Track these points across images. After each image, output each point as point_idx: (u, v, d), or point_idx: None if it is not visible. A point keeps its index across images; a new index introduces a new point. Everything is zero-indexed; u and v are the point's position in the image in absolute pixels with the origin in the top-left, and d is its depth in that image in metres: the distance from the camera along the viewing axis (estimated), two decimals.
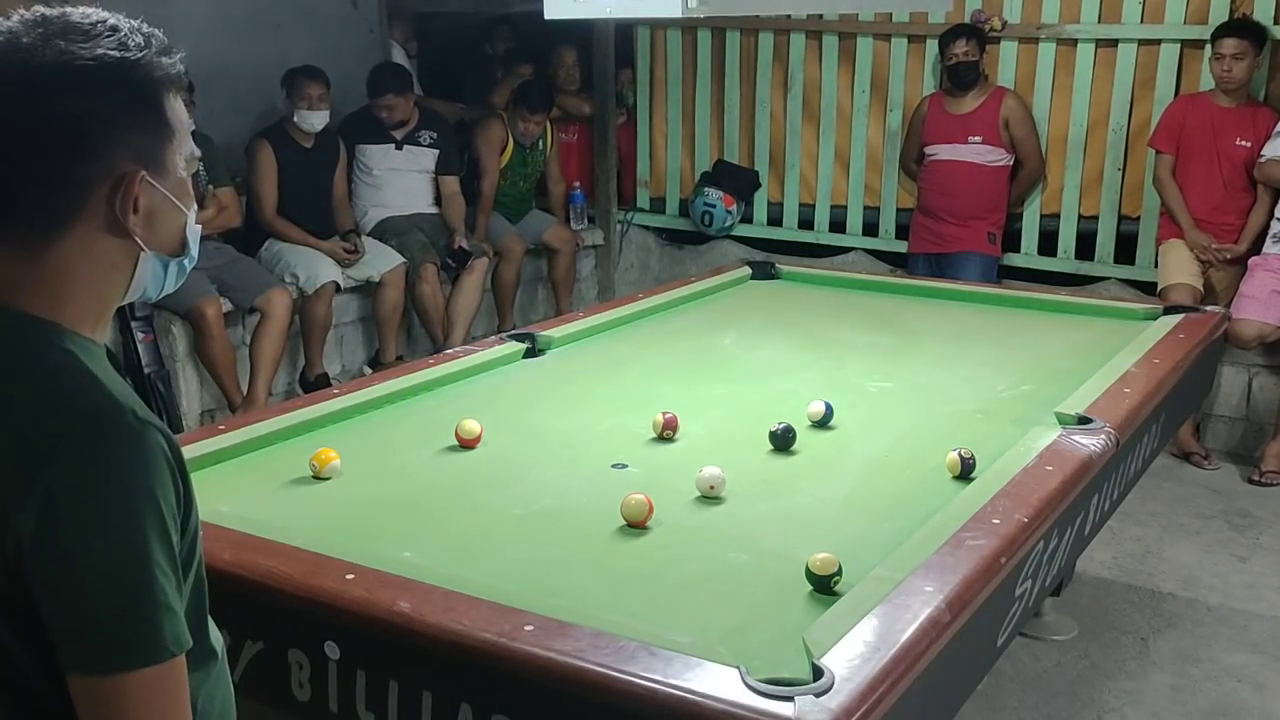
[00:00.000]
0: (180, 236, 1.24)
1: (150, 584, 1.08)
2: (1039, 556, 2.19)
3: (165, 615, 1.09)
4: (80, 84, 1.12)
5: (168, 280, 1.25)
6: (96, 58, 1.13)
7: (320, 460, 2.37)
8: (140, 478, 1.08)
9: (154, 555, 1.08)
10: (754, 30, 6.12)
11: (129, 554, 1.07)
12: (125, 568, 1.07)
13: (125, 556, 1.07)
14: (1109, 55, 5.32)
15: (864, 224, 6.04)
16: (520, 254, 5.90)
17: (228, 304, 4.82)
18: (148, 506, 1.08)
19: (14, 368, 1.13)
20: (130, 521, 1.07)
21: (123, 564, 1.07)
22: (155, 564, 1.08)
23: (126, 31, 1.17)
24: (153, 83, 1.17)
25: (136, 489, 1.08)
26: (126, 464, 1.08)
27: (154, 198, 1.18)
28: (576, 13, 2.88)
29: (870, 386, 3.06)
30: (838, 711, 1.49)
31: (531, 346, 3.26)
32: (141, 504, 1.08)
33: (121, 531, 1.07)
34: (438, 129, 5.67)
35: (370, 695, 1.76)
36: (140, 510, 1.08)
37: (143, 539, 1.08)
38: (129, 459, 1.09)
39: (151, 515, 1.08)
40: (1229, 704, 3.21)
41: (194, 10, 5.25)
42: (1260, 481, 4.71)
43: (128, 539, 1.07)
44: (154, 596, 1.08)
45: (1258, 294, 4.69)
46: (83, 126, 1.13)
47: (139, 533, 1.08)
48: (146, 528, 1.08)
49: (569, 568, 2.03)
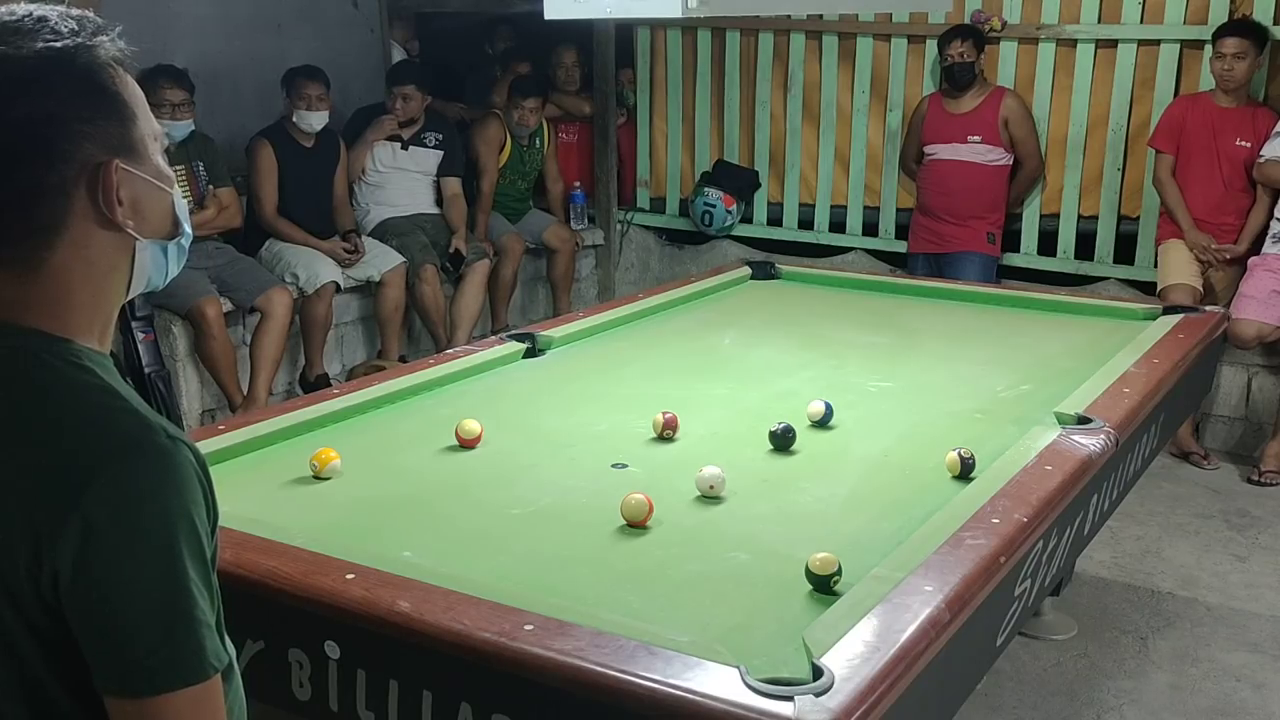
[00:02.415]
0: (170, 216, 1.19)
1: (192, 605, 1.07)
2: (1038, 556, 2.19)
3: (206, 633, 1.09)
4: (27, 86, 1.07)
5: (170, 264, 1.21)
6: (36, 54, 1.07)
7: (320, 460, 2.38)
8: (176, 501, 1.07)
9: (192, 575, 1.08)
10: (754, 30, 6.12)
11: (170, 578, 1.06)
12: (167, 593, 1.06)
13: (167, 582, 1.06)
14: (1109, 55, 5.32)
15: (864, 224, 6.04)
16: (519, 253, 5.90)
17: (228, 304, 4.82)
18: (183, 527, 1.07)
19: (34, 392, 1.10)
20: (170, 546, 1.06)
21: (164, 589, 1.06)
22: (194, 584, 1.08)
23: (56, 19, 1.10)
24: (99, 66, 1.10)
25: (173, 512, 1.07)
26: (161, 487, 1.07)
27: (134, 184, 1.13)
28: (576, 13, 2.89)
29: (870, 386, 3.07)
30: (837, 711, 1.49)
31: (531, 346, 3.26)
32: (178, 526, 1.07)
33: (162, 557, 1.06)
34: (443, 131, 5.69)
35: (370, 695, 1.76)
36: (177, 533, 1.07)
37: (181, 561, 1.07)
38: (164, 482, 1.07)
39: (188, 535, 1.08)
40: (1228, 703, 3.21)
41: (195, 10, 5.25)
42: (1259, 481, 4.71)
43: (169, 564, 1.06)
44: (195, 617, 1.08)
45: (1257, 294, 4.69)
46: (42, 131, 1.07)
47: (178, 556, 1.07)
48: (183, 549, 1.07)
49: (569, 567, 2.03)
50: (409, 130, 5.55)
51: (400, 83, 5.53)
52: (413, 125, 5.56)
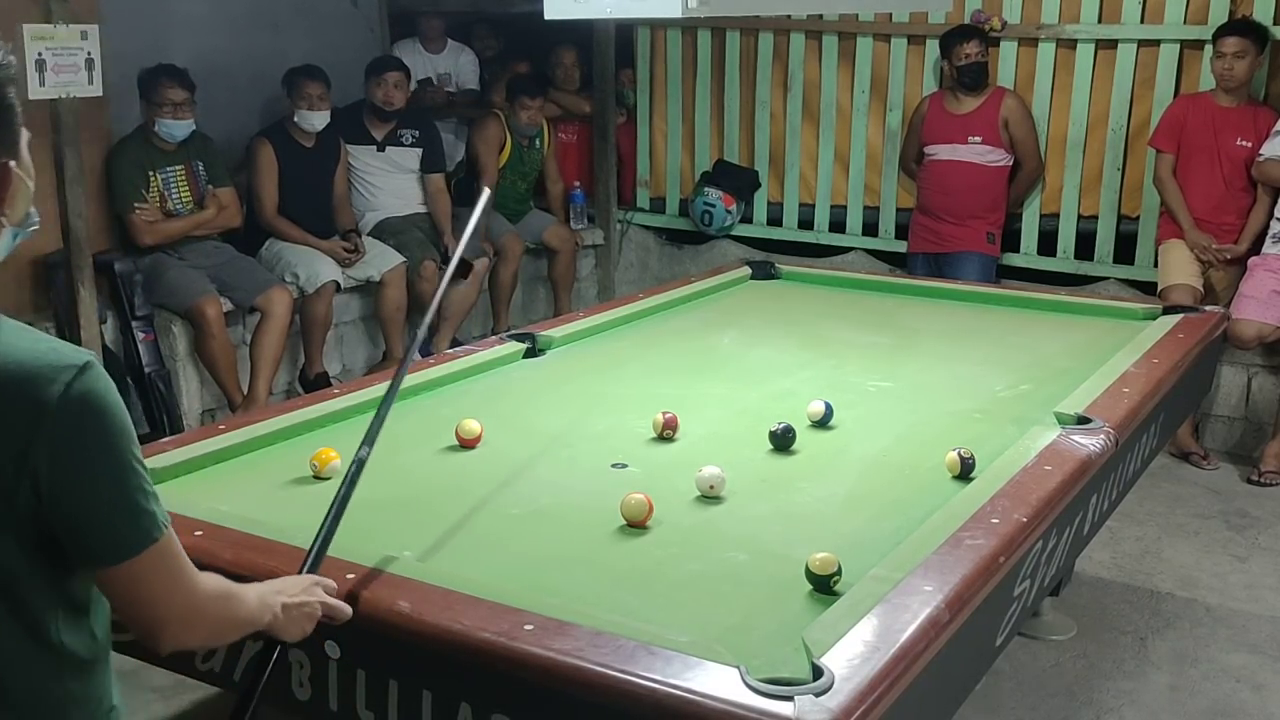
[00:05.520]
0: (27, 209, 1.39)
1: (143, 479, 1.34)
2: (1038, 556, 2.20)
3: (155, 500, 1.36)
4: None
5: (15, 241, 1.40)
6: None
7: (320, 460, 2.38)
8: (115, 397, 1.32)
9: (138, 456, 1.34)
10: (754, 30, 6.12)
11: (127, 461, 1.32)
12: (127, 473, 1.32)
13: (125, 464, 1.32)
14: (1109, 55, 5.32)
15: (864, 224, 6.04)
16: (519, 254, 5.90)
17: (228, 303, 4.81)
18: (125, 417, 1.32)
19: None
20: (122, 432, 1.32)
21: (124, 470, 1.32)
22: (140, 463, 1.35)
23: None
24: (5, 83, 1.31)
25: (118, 406, 1.32)
26: (108, 388, 1.31)
27: (16, 182, 1.33)
28: (576, 13, 2.88)
29: (870, 386, 3.07)
30: (837, 711, 1.49)
31: (531, 346, 3.26)
32: (124, 418, 1.32)
33: (117, 443, 1.31)
34: (419, 128, 5.64)
35: (370, 694, 1.76)
36: (125, 423, 1.32)
37: (132, 445, 1.33)
38: (108, 385, 1.31)
39: (126, 424, 1.33)
40: (1227, 704, 3.21)
41: (193, 9, 5.25)
42: (1259, 481, 4.71)
43: (124, 448, 1.32)
44: (147, 490, 1.35)
45: (1257, 294, 4.69)
46: None
47: (130, 440, 1.33)
48: (130, 434, 1.33)
49: (569, 567, 2.03)
50: (381, 131, 5.51)
51: (383, 70, 5.42)
52: (388, 123, 5.51)
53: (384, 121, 5.50)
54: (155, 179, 4.75)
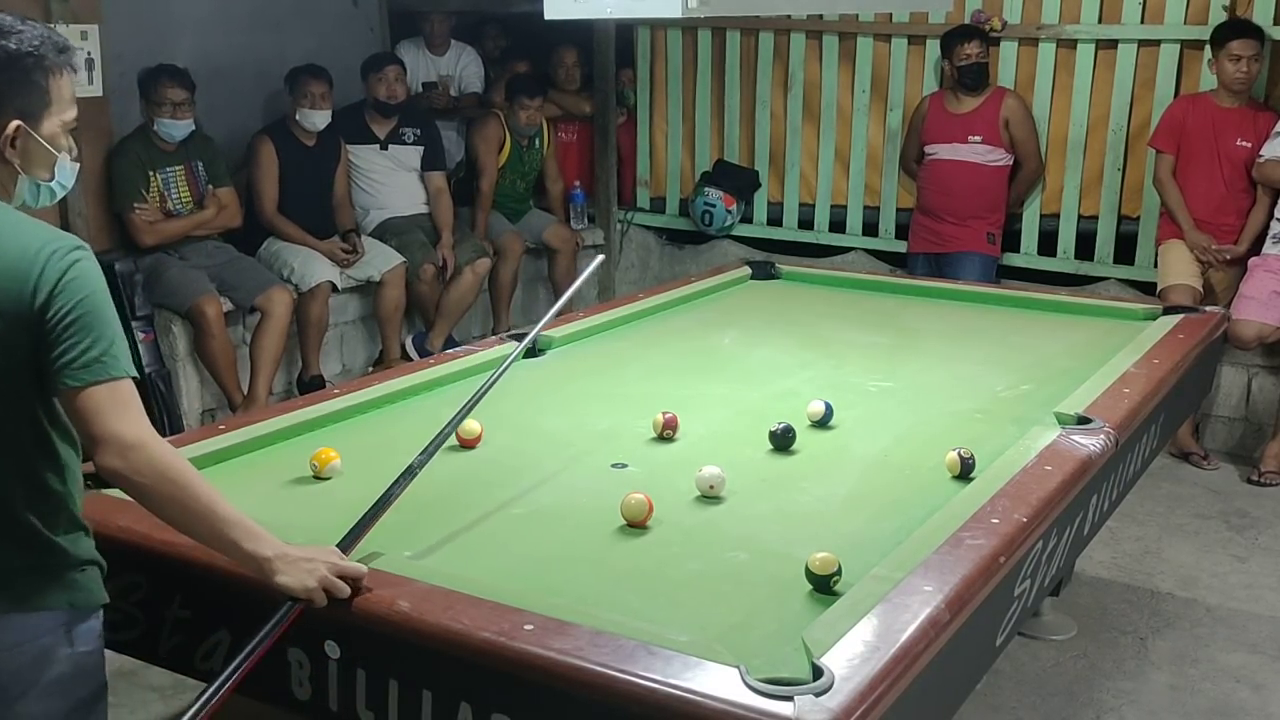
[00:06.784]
0: (50, 169, 1.79)
1: (120, 328, 1.72)
2: (1038, 556, 2.20)
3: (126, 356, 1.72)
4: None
5: (42, 195, 1.81)
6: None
7: (320, 460, 2.38)
8: (98, 267, 1.73)
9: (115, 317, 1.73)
10: (754, 30, 6.12)
11: (109, 302, 1.72)
12: (110, 310, 1.71)
13: (108, 304, 1.71)
14: (1109, 56, 5.32)
15: (864, 224, 6.04)
16: (519, 253, 5.90)
17: (228, 303, 4.81)
18: (105, 283, 1.72)
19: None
20: (106, 290, 1.72)
21: (109, 308, 1.71)
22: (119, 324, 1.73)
23: (26, 33, 1.71)
24: (41, 69, 1.72)
25: (100, 273, 1.73)
26: (92, 259, 1.73)
27: (29, 140, 1.73)
28: (576, 13, 2.88)
29: (870, 386, 3.07)
30: (837, 711, 1.49)
31: (532, 346, 3.26)
32: (104, 281, 1.72)
33: (106, 295, 1.71)
34: (420, 126, 5.64)
35: (370, 694, 1.76)
36: (105, 285, 1.72)
37: (113, 301, 1.73)
38: (92, 257, 1.73)
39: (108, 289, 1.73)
40: (1227, 704, 3.21)
41: (194, 9, 5.25)
42: (1259, 482, 4.71)
43: (106, 294, 1.72)
44: (123, 336, 1.73)
45: (1257, 294, 4.69)
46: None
47: (110, 297, 1.72)
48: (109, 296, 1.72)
49: (569, 567, 2.03)
50: (383, 129, 5.52)
51: (381, 66, 5.43)
52: (390, 120, 5.51)
53: (386, 118, 5.50)
54: (155, 179, 4.75)
